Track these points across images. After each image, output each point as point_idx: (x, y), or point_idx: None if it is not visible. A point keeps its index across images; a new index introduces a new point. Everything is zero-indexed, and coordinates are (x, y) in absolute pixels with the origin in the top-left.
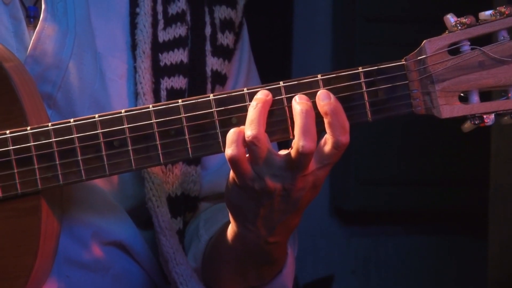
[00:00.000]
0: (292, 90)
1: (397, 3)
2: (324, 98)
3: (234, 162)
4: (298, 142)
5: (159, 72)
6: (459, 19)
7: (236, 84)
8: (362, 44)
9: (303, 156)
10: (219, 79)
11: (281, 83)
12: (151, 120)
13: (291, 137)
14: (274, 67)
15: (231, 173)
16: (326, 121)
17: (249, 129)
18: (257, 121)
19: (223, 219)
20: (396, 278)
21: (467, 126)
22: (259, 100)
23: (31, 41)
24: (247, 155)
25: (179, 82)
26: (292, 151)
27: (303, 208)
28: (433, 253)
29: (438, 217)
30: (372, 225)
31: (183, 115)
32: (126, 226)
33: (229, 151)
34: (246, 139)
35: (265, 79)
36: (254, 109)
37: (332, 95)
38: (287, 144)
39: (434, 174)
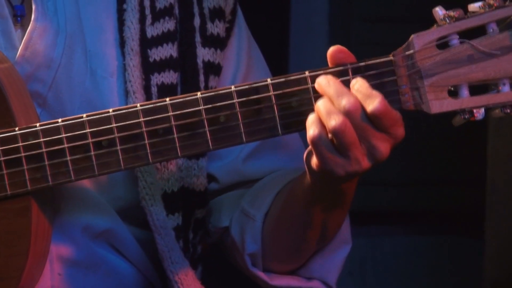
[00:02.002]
0: (280, 87)
1: (393, 3)
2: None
3: (319, 147)
4: (368, 105)
5: (148, 68)
6: (447, 12)
7: (237, 72)
8: (358, 44)
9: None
10: (213, 69)
11: (269, 80)
12: (139, 119)
13: (279, 134)
14: (271, 66)
15: (314, 163)
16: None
17: (332, 119)
18: (334, 109)
19: (269, 195)
20: (393, 278)
21: (457, 120)
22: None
23: (23, 41)
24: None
25: (169, 77)
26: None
27: None
28: (430, 253)
29: (435, 217)
30: (369, 225)
31: (171, 114)
32: (113, 219)
33: (311, 132)
34: (332, 127)
35: None
36: (335, 81)
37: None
38: None
39: (430, 174)
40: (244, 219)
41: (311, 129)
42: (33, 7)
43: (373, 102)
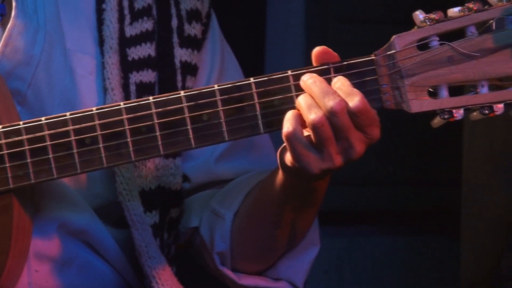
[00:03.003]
0: (263, 86)
1: (370, 4)
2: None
3: (294, 144)
4: (348, 103)
5: (127, 67)
6: (428, 15)
7: (211, 73)
8: (335, 45)
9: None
10: (189, 69)
11: (252, 79)
12: (122, 116)
13: (261, 132)
14: (247, 67)
15: (288, 160)
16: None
17: (312, 113)
18: (315, 104)
19: (240, 195)
20: (369, 278)
21: (437, 121)
22: (306, 85)
23: (2, 38)
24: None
25: (148, 76)
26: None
27: None
28: (406, 253)
29: (411, 217)
30: (345, 225)
31: (154, 111)
32: (90, 217)
33: (286, 129)
34: (312, 121)
35: None
36: (321, 80)
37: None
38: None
39: (407, 174)
40: (213, 218)
41: (287, 125)
42: (13, 4)
43: (353, 99)
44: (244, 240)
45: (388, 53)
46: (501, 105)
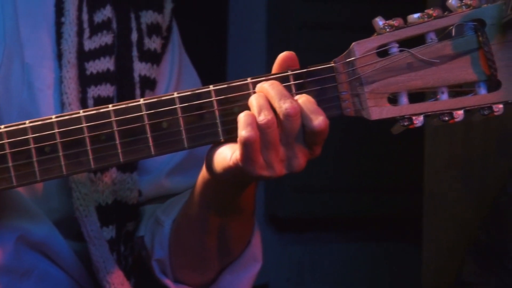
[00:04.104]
0: (222, 93)
1: (333, 10)
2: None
3: (248, 145)
4: (313, 120)
5: (85, 81)
6: (387, 21)
7: (168, 88)
8: (296, 51)
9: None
10: (148, 84)
11: (211, 87)
12: (82, 125)
13: (221, 140)
14: (209, 74)
15: (233, 158)
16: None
17: (263, 114)
18: (268, 105)
19: (180, 202)
20: (331, 285)
21: (397, 128)
22: (263, 88)
23: None
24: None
25: (106, 90)
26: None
27: None
28: (368, 260)
29: (373, 223)
30: (307, 232)
31: (114, 119)
32: (49, 230)
33: (244, 132)
34: (261, 122)
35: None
36: (278, 84)
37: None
38: None
39: (368, 180)
40: (155, 226)
41: (248, 129)
42: None
43: (318, 118)
44: (180, 248)
45: (348, 60)
46: (460, 112)
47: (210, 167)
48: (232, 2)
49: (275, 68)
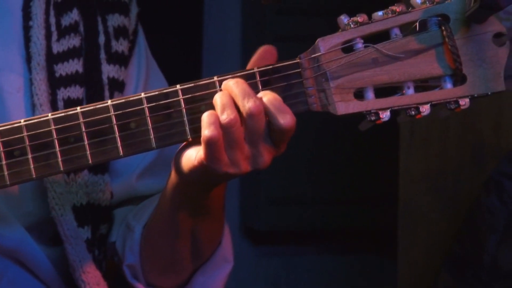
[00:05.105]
0: (189, 92)
1: (307, 22)
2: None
3: (211, 144)
4: (280, 119)
5: (55, 83)
6: (352, 18)
7: (137, 90)
8: (272, 38)
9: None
10: (117, 86)
11: (178, 86)
12: (50, 127)
13: (189, 139)
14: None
15: (197, 157)
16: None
17: (225, 113)
18: (231, 104)
19: (151, 207)
20: None
21: (364, 124)
22: (227, 86)
23: None
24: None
25: (75, 92)
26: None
27: None
28: (344, 273)
29: (348, 236)
30: (282, 245)
31: (82, 121)
32: (21, 237)
33: (207, 132)
34: (223, 121)
35: None
36: (243, 83)
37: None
38: None
39: (344, 193)
40: (126, 231)
41: (211, 128)
42: None
43: (286, 117)
44: (151, 252)
45: (313, 56)
46: (427, 106)
47: (177, 169)
48: (207, 15)
49: (252, 61)
